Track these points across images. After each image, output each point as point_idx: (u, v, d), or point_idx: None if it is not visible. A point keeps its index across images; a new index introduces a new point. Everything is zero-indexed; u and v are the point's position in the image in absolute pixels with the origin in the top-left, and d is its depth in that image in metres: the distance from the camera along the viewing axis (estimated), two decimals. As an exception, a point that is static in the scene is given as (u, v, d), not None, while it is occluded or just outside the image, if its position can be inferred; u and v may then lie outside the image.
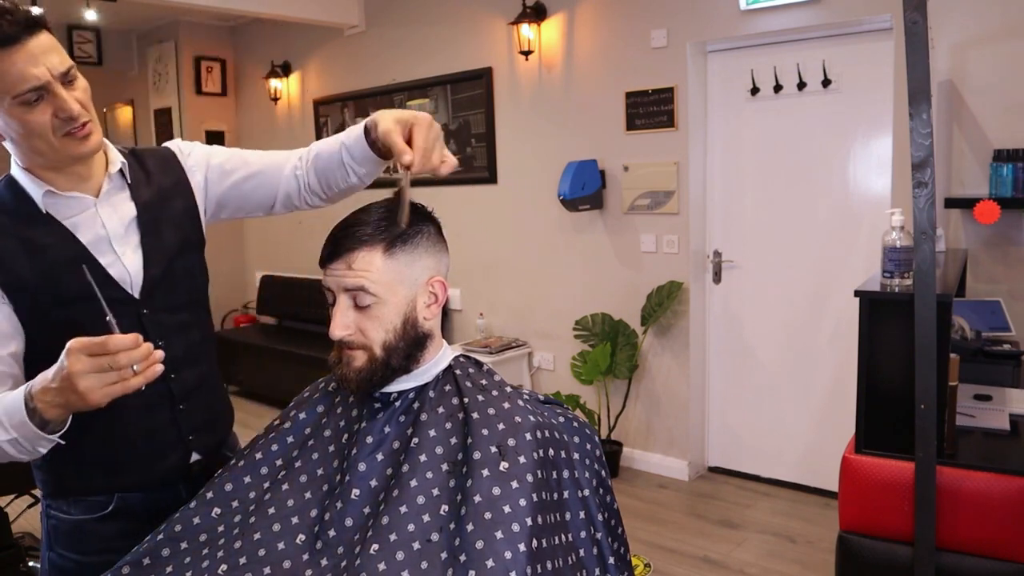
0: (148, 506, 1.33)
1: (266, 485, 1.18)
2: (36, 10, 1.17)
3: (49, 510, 1.34)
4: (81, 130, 1.18)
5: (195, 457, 1.38)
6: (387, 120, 1.21)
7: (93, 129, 1.20)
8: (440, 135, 1.20)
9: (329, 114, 5.38)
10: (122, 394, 1.02)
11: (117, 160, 1.30)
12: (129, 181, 1.32)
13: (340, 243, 1.14)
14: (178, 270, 1.35)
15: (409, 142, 1.18)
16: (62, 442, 1.11)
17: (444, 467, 1.10)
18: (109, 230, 1.27)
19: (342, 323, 1.14)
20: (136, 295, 1.29)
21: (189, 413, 1.36)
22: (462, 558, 1.00)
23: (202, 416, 1.39)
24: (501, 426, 1.12)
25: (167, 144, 1.43)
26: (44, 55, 1.13)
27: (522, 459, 1.08)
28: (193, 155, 1.42)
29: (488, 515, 1.03)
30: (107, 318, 1.04)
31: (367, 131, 1.28)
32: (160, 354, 1.04)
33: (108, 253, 1.26)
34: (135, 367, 1.01)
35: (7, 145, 1.21)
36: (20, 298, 1.20)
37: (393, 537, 1.03)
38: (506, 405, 1.16)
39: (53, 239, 1.22)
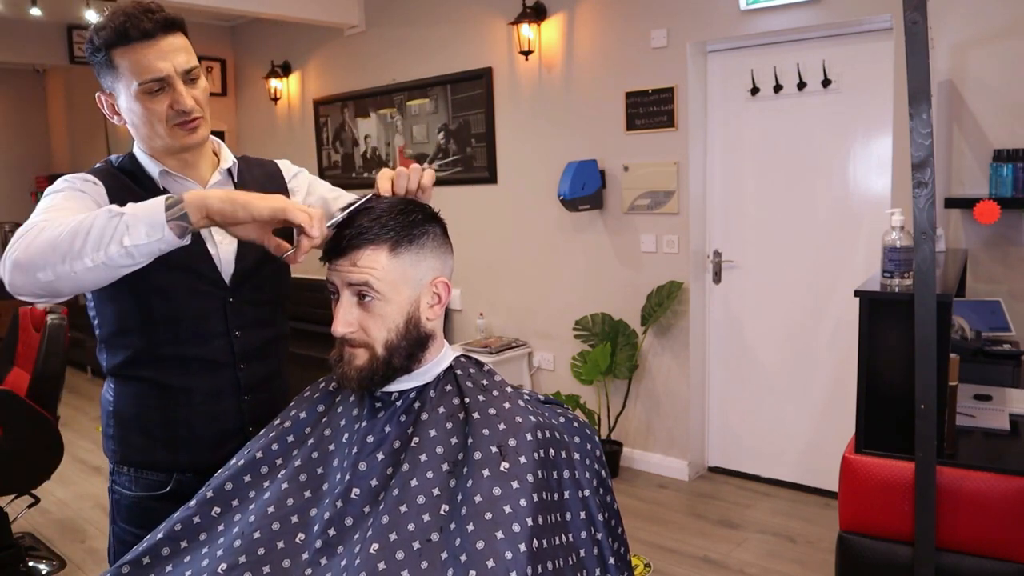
0: None
1: (265, 484, 1.19)
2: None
3: (114, 485, 1.47)
4: (191, 123, 1.33)
5: None
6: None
7: (201, 124, 1.35)
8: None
9: (329, 114, 5.38)
10: (291, 216, 1.10)
11: (229, 159, 1.46)
12: (235, 180, 1.46)
13: (346, 240, 1.14)
14: (266, 269, 1.46)
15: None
16: (177, 242, 1.10)
17: (444, 467, 1.10)
18: None
19: (345, 320, 1.14)
20: (227, 282, 1.41)
21: (253, 405, 1.46)
22: (463, 558, 1.00)
23: (264, 410, 1.45)
24: (502, 426, 1.12)
25: (275, 160, 1.59)
26: (173, 53, 1.29)
27: (523, 459, 1.08)
28: (298, 178, 1.57)
29: (489, 515, 1.03)
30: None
31: None
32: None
33: (208, 238, 1.40)
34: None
35: (129, 128, 1.37)
36: None
37: (393, 536, 1.03)
38: (507, 405, 1.15)
39: None
